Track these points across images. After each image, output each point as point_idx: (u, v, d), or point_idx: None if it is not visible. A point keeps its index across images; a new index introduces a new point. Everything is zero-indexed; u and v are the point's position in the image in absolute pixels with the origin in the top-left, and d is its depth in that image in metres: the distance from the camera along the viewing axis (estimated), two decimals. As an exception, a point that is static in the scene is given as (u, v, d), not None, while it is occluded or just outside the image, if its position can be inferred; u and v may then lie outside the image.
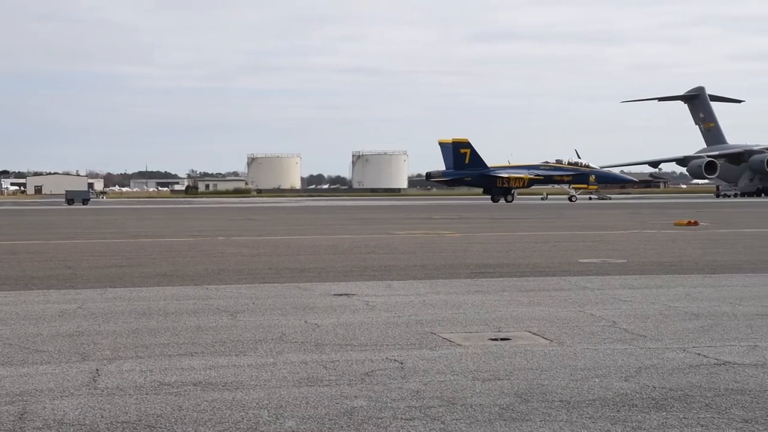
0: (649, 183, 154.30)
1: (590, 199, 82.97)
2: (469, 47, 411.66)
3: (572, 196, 79.80)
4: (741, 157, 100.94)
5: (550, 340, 8.62)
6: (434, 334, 9.00)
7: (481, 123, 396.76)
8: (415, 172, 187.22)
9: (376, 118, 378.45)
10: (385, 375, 7.11)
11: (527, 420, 5.81)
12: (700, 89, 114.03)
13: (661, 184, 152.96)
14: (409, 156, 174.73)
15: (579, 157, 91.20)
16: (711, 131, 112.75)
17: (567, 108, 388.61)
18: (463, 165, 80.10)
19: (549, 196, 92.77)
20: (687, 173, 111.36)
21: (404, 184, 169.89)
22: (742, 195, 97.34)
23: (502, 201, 77.64)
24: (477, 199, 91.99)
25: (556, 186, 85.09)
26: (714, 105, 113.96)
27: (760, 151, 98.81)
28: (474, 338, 8.75)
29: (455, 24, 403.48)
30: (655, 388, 6.64)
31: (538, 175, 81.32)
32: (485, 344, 8.43)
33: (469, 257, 18.32)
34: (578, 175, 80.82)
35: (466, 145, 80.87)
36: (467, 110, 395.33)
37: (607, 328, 9.29)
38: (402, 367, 7.39)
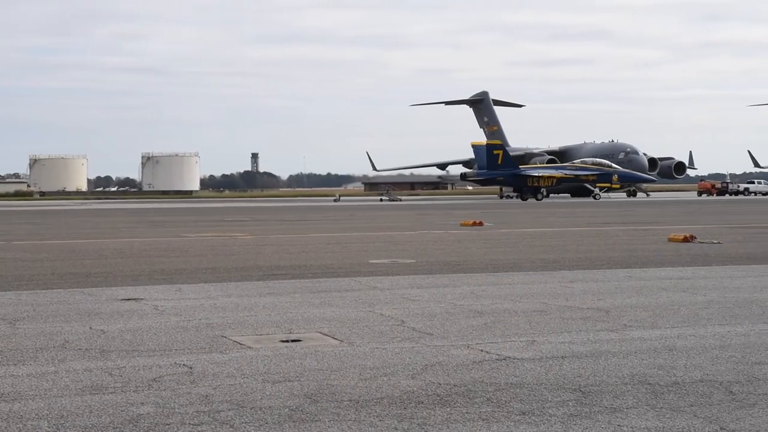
0: (437, 185, 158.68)
1: (381, 200, 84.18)
2: (257, 49, 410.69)
3: (596, 194, 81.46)
4: (522, 160, 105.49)
5: (341, 341, 8.73)
6: (225, 337, 8.93)
7: (273, 125, 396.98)
8: (207, 174, 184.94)
9: (166, 119, 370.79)
10: (173, 380, 6.99)
11: (316, 420, 5.86)
12: (484, 94, 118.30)
13: (449, 186, 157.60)
14: (201, 158, 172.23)
15: (372, 161, 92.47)
16: (495, 134, 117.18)
17: (357, 110, 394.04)
18: (497, 165, 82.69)
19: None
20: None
21: (196, 186, 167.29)
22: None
23: (531, 199, 78.63)
24: (267, 201, 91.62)
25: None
26: (497, 109, 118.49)
27: (540, 154, 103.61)
28: (265, 340, 8.74)
29: (241, 25, 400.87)
30: (440, 384, 6.84)
31: (567, 175, 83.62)
32: (276, 346, 8.43)
33: (261, 259, 18.27)
34: (602, 175, 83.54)
35: (500, 147, 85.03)
36: (258, 112, 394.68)
37: (396, 327, 9.49)
38: (191, 372, 7.29)
